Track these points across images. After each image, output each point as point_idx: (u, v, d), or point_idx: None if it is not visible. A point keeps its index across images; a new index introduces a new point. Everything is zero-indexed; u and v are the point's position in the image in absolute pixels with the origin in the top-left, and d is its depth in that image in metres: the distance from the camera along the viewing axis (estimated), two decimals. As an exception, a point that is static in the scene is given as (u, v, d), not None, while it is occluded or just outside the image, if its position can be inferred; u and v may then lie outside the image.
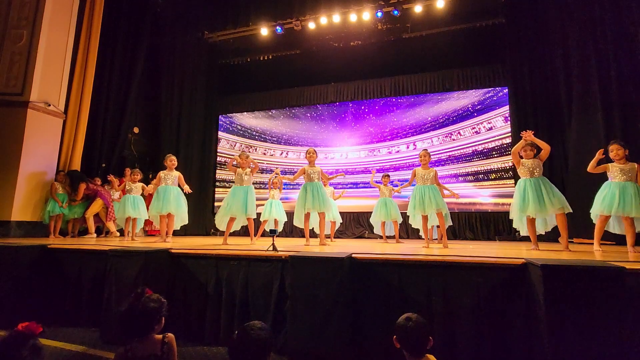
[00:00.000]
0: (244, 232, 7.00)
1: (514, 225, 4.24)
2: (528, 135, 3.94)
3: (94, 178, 6.40)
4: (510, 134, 7.34)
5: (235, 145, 9.55)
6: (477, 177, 7.55)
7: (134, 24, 8.00)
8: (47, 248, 3.72)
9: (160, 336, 1.72)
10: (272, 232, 3.46)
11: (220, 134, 9.69)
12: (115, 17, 7.53)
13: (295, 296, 2.47)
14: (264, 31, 8.48)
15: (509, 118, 7.40)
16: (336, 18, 7.99)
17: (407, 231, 7.44)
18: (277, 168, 6.78)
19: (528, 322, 2.24)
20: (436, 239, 5.67)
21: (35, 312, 3.42)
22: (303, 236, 4.87)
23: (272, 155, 9.22)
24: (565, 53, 6.35)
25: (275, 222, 6.10)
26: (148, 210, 5.39)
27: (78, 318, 3.40)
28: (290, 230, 8.15)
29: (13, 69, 5.81)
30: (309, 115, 9.08)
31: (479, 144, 7.63)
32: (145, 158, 8.52)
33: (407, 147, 8.18)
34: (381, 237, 6.10)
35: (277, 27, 8.39)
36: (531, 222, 3.90)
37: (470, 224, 7.44)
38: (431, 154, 7.78)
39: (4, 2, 5.94)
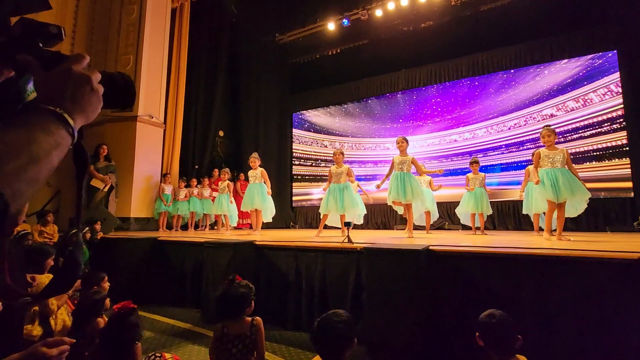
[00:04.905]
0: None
1: None
2: None
3: (190, 179, 7.28)
4: (622, 105, 6.21)
5: (308, 140, 9.87)
6: (582, 158, 6.53)
7: (215, 37, 8.79)
8: (157, 240, 4.37)
9: (249, 318, 1.93)
10: (347, 225, 3.52)
11: (295, 131, 10.10)
12: (198, 34, 8.36)
13: (371, 288, 2.50)
14: (331, 26, 8.54)
15: (619, 87, 6.26)
16: (404, 1, 7.65)
17: (492, 221, 6.86)
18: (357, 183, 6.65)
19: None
20: (554, 230, 4.95)
21: (150, 294, 4.06)
22: (379, 228, 4.83)
23: (347, 148, 9.29)
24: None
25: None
26: (240, 207, 6.01)
27: (183, 300, 3.95)
28: (366, 223, 8.17)
29: (124, 89, 6.88)
30: (381, 105, 8.91)
31: (582, 120, 6.60)
32: (231, 158, 9.34)
33: (497, 129, 7.47)
34: (470, 229, 5.68)
35: (344, 20, 8.38)
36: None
37: (572, 212, 6.51)
38: (523, 134, 7.06)
39: (114, 32, 7.05)
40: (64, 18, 6.54)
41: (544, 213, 4.22)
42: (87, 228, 4.51)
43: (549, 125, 4.04)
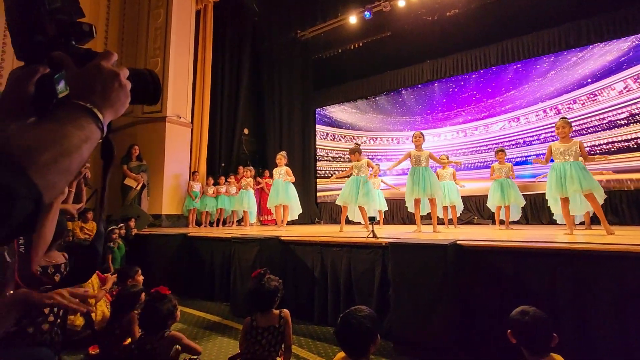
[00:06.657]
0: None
1: None
2: None
3: (217, 177, 7.47)
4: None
5: (331, 136, 9.85)
6: (623, 147, 6.11)
7: (238, 38, 8.92)
8: (187, 236, 4.52)
9: (277, 311, 1.96)
10: (372, 220, 3.49)
11: (318, 127, 10.10)
12: (222, 34, 8.51)
13: (397, 283, 2.47)
14: (353, 19, 8.43)
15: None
16: (428, -11, 7.43)
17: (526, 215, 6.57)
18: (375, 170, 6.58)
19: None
20: (582, 222, 4.68)
21: (181, 287, 4.21)
22: (404, 223, 4.77)
23: (372, 143, 9.18)
24: None
25: (379, 212, 6.15)
26: (267, 203, 6.18)
27: (213, 293, 4.07)
28: (391, 217, 8.07)
29: (153, 91, 7.14)
30: (406, 98, 8.74)
31: (622, 107, 6.16)
32: (256, 155, 9.50)
33: (528, 119, 7.14)
34: (494, 223, 5.50)
35: (366, 13, 8.25)
36: None
37: (613, 205, 6.10)
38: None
39: (143, 36, 7.31)
40: (96, 24, 6.85)
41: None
42: (122, 225, 4.74)
43: (566, 117, 3.91)
